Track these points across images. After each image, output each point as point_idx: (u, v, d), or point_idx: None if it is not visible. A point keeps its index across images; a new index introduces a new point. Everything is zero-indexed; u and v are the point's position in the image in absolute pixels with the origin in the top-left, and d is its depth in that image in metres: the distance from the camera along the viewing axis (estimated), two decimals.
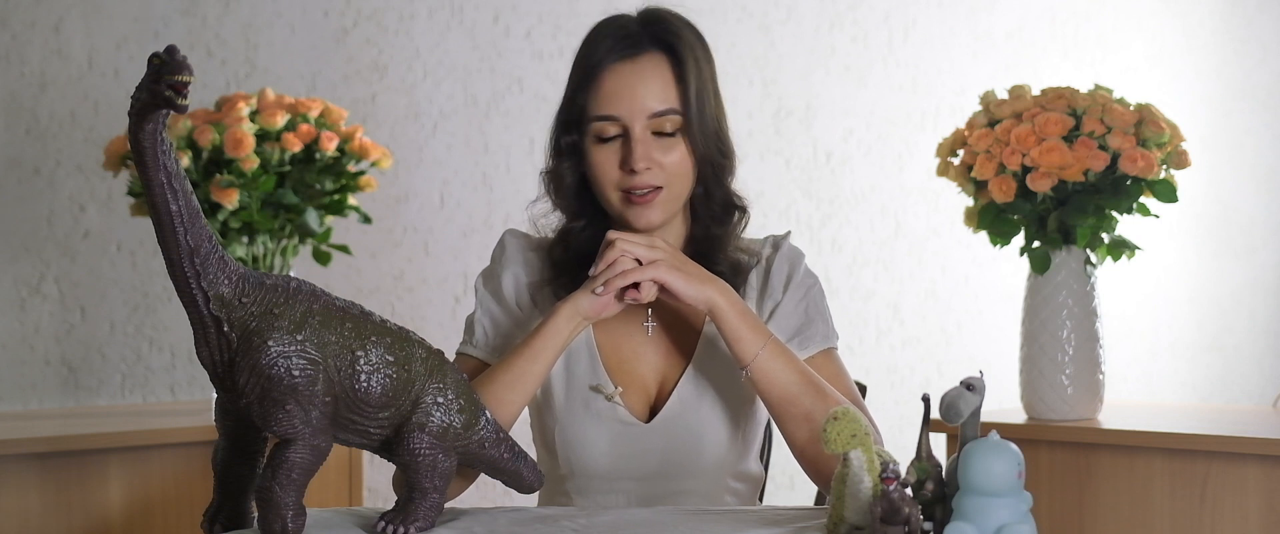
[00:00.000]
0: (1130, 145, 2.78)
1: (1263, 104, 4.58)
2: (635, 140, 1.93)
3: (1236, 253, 4.56)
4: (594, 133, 1.95)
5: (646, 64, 1.94)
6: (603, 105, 1.94)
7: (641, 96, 1.93)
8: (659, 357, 2.02)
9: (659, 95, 1.94)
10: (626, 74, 1.94)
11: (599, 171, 1.95)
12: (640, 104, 1.93)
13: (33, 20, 3.12)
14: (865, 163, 4.02)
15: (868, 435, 1.55)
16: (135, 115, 1.49)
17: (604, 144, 1.95)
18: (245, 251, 2.91)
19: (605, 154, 1.95)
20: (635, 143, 1.92)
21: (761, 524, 1.67)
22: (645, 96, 1.93)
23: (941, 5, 4.11)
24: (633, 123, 1.93)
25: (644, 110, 1.93)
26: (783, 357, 1.90)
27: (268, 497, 1.57)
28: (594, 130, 1.95)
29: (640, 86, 1.93)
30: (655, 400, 2.02)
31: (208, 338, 1.57)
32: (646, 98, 1.93)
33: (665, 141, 1.94)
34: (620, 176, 1.94)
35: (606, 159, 1.94)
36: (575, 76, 1.98)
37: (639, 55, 1.95)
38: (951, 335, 4.13)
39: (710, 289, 1.89)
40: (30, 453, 2.66)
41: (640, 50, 1.95)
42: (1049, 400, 2.89)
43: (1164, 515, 2.75)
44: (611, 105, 1.93)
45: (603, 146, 1.95)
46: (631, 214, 1.95)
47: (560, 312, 1.89)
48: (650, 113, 1.93)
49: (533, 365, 1.89)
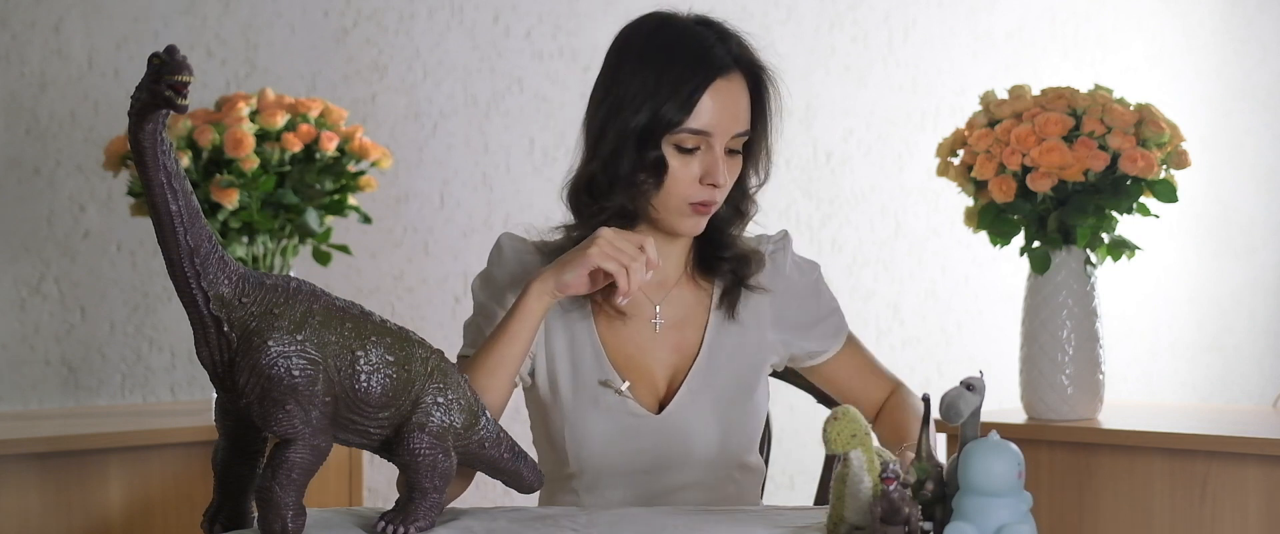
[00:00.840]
0: (1130, 145, 2.78)
1: (1263, 104, 4.57)
2: (717, 157, 1.97)
3: (1236, 253, 4.56)
4: (679, 144, 1.97)
5: (738, 84, 1.99)
6: (699, 120, 1.96)
7: (732, 116, 1.98)
8: (666, 352, 2.04)
9: (740, 117, 1.99)
10: (723, 93, 1.97)
11: (678, 181, 1.97)
12: (730, 122, 1.98)
13: (33, 20, 3.12)
14: (865, 163, 4.02)
15: (868, 436, 1.56)
16: (135, 115, 1.49)
17: (685, 155, 1.97)
18: (245, 251, 2.91)
19: (686, 165, 1.97)
20: (717, 159, 1.97)
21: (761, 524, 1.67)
22: (735, 116, 1.98)
23: (941, 5, 4.11)
24: (718, 140, 1.97)
25: (731, 129, 1.98)
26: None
27: (268, 497, 1.57)
28: (684, 143, 1.97)
29: (733, 106, 1.98)
30: (663, 395, 2.04)
31: (208, 338, 1.57)
32: (736, 118, 1.98)
33: (732, 159, 2.00)
34: (697, 189, 1.97)
35: (686, 170, 1.97)
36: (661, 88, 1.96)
37: (731, 75, 1.99)
38: (951, 335, 4.13)
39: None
40: (30, 453, 2.66)
41: (732, 70, 1.99)
42: (1049, 400, 2.89)
43: (1164, 515, 2.75)
44: (707, 122, 1.96)
45: (684, 157, 1.97)
46: (688, 223, 2.00)
47: (531, 290, 1.91)
48: (733, 133, 1.98)
49: (511, 348, 1.91)
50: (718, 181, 1.96)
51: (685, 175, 1.97)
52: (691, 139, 1.96)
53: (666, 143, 1.96)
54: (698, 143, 1.96)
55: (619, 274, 1.88)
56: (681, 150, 1.97)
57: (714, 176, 1.96)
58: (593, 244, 1.88)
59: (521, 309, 1.91)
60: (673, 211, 1.98)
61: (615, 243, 1.88)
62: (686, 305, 2.06)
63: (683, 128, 1.95)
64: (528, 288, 1.91)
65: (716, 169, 1.96)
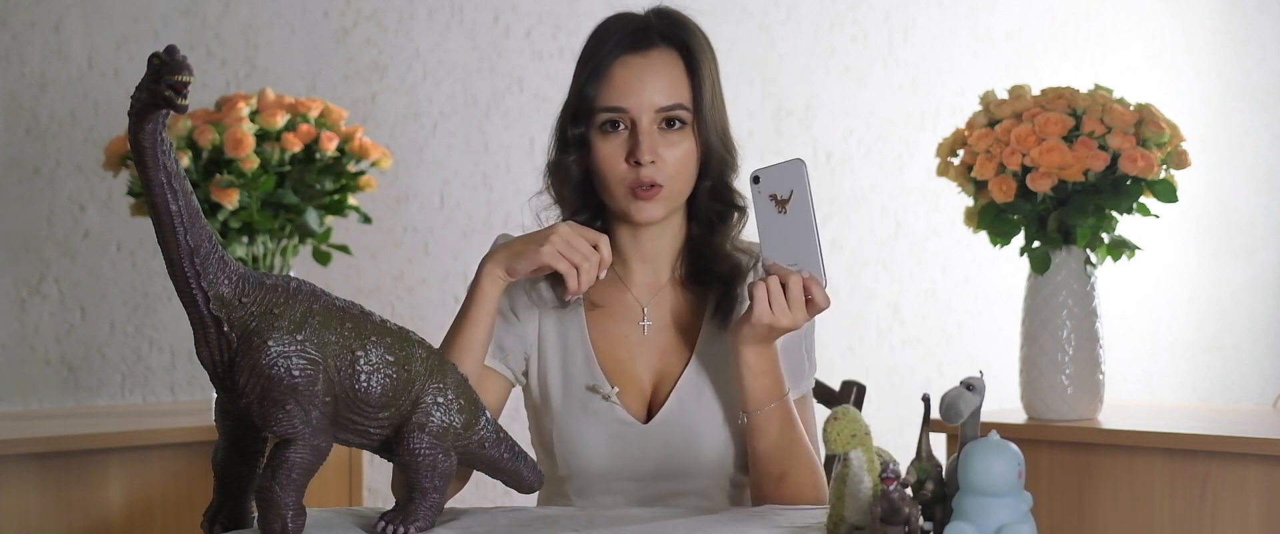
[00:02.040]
0: (1130, 145, 2.78)
1: (1263, 104, 4.58)
2: (642, 133, 1.93)
3: (1236, 253, 4.56)
4: (600, 124, 1.95)
5: (657, 59, 1.95)
6: (611, 97, 1.94)
7: (651, 90, 1.94)
8: (655, 357, 2.01)
9: (667, 90, 1.94)
10: (637, 67, 1.94)
11: (603, 163, 1.95)
12: (649, 97, 1.94)
13: (33, 20, 3.12)
14: (865, 163, 4.02)
15: (868, 436, 1.56)
16: (135, 115, 1.49)
17: (609, 136, 1.95)
18: (245, 251, 2.91)
19: (611, 146, 1.95)
20: (642, 135, 1.93)
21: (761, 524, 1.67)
22: (654, 90, 1.94)
23: (941, 5, 4.11)
24: (640, 116, 1.93)
25: (652, 104, 1.94)
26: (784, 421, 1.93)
27: (268, 497, 1.57)
28: (600, 121, 1.95)
29: (650, 80, 1.94)
30: (652, 401, 2.02)
31: (208, 338, 1.57)
32: (655, 92, 1.94)
33: (670, 137, 1.95)
34: (625, 170, 1.94)
35: (612, 151, 1.94)
36: (583, 68, 1.98)
37: (650, 49, 1.95)
38: (951, 335, 4.13)
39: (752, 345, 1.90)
40: (30, 453, 2.66)
41: (651, 45, 1.96)
42: (1049, 400, 2.89)
43: (1164, 515, 2.75)
44: (620, 97, 1.94)
45: (608, 139, 1.95)
46: (634, 208, 1.95)
47: (483, 273, 1.90)
48: (658, 107, 1.94)
49: (473, 333, 1.90)
50: (640, 158, 1.92)
51: (609, 154, 1.94)
52: (606, 116, 1.94)
53: (591, 125, 1.95)
54: (617, 119, 1.94)
55: (569, 274, 1.86)
56: (603, 130, 1.95)
57: (637, 153, 1.92)
58: (547, 239, 1.86)
59: (476, 293, 1.90)
60: (618, 198, 1.96)
61: (571, 241, 1.86)
62: (675, 309, 2.03)
63: (599, 106, 1.94)
64: (480, 270, 1.90)
65: (639, 146, 1.92)
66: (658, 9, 2.00)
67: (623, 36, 1.96)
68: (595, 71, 1.95)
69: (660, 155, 1.94)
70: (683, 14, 2.00)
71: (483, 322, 1.90)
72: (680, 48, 1.96)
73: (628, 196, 1.95)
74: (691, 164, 1.97)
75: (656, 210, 1.95)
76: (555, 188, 2.02)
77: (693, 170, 1.97)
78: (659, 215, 1.96)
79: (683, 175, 1.96)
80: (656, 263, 2.03)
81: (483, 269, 1.90)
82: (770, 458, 1.93)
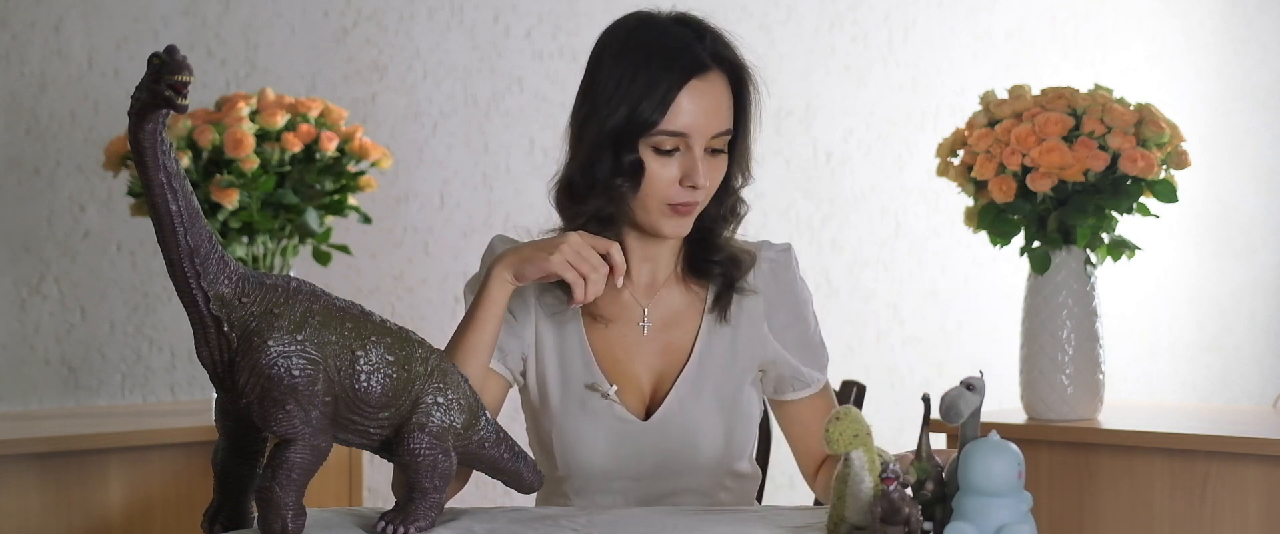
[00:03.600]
0: (1130, 145, 2.78)
1: (1263, 104, 4.58)
2: (697, 158, 1.93)
3: (1236, 253, 4.56)
4: (657, 145, 1.94)
5: (717, 84, 1.95)
6: (676, 122, 1.93)
7: (711, 116, 1.94)
8: (654, 356, 2.02)
9: (723, 117, 1.95)
10: (701, 93, 1.94)
11: (657, 184, 1.94)
12: (707, 123, 1.94)
13: (33, 20, 3.12)
14: (865, 163, 4.02)
15: (870, 435, 1.56)
16: (135, 115, 1.49)
17: (665, 158, 1.94)
18: (245, 251, 2.91)
19: (667, 169, 1.94)
20: (697, 160, 1.93)
21: (761, 524, 1.67)
22: (714, 116, 1.94)
23: (941, 5, 4.11)
24: (697, 141, 1.94)
25: (710, 129, 1.94)
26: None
27: (268, 497, 1.57)
28: (661, 144, 1.94)
29: (711, 105, 1.94)
30: (651, 400, 2.02)
31: (208, 338, 1.57)
32: (714, 118, 1.94)
33: (714, 159, 1.96)
34: (677, 190, 1.94)
35: (665, 172, 1.94)
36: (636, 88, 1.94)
37: (708, 73, 1.95)
38: (951, 335, 4.13)
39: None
40: (30, 453, 2.66)
41: (709, 69, 1.95)
42: (1049, 400, 2.89)
43: (1164, 515, 2.75)
44: (685, 122, 1.93)
45: (664, 161, 1.94)
46: (670, 224, 1.96)
47: (492, 276, 1.90)
48: (713, 132, 1.95)
49: (480, 336, 1.90)
50: (698, 183, 1.93)
51: (663, 177, 1.94)
52: (669, 141, 1.93)
53: (644, 145, 1.93)
54: (676, 144, 1.93)
55: (577, 285, 1.86)
56: (659, 152, 1.94)
57: (694, 178, 1.93)
58: (557, 249, 1.86)
59: (484, 297, 1.90)
60: (653, 213, 1.96)
61: (581, 252, 1.86)
62: (675, 308, 2.03)
63: (659, 129, 1.92)
64: (490, 273, 1.90)
65: (696, 170, 1.93)
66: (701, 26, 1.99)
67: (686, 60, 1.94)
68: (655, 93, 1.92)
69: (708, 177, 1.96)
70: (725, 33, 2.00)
71: (490, 324, 1.90)
72: (731, 74, 1.98)
73: (664, 213, 1.96)
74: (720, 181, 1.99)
75: (688, 226, 1.98)
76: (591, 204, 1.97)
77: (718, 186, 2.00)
78: (688, 230, 1.98)
79: (712, 193, 1.99)
80: (657, 263, 2.03)
81: (491, 273, 1.90)
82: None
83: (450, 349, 1.90)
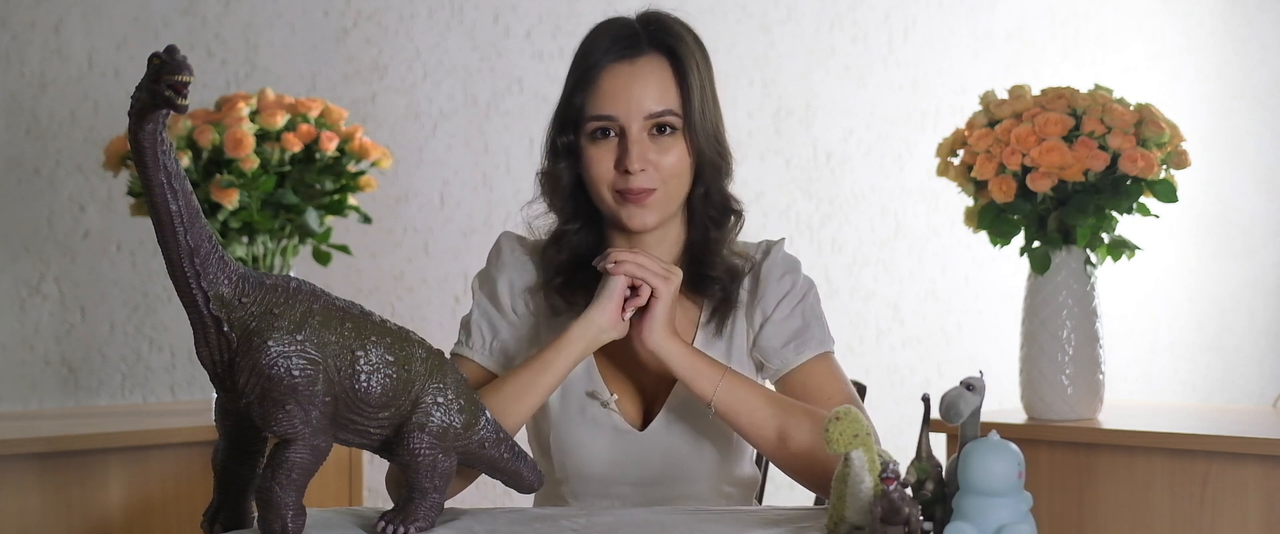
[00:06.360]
0: (1130, 145, 2.78)
1: (1263, 104, 4.58)
2: (631, 141, 1.93)
3: (1236, 253, 4.56)
4: (590, 132, 1.95)
5: (645, 65, 1.95)
6: (600, 104, 1.94)
7: (639, 97, 1.93)
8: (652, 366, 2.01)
9: (657, 96, 1.94)
10: (624, 74, 1.94)
11: (594, 171, 1.95)
12: (637, 104, 1.93)
13: (33, 20, 3.12)
14: (865, 163, 4.02)
15: (870, 435, 1.56)
16: (135, 115, 1.49)
17: (599, 143, 1.95)
18: (245, 252, 2.91)
19: (601, 153, 1.95)
20: (631, 143, 1.93)
21: (761, 524, 1.67)
22: (643, 97, 1.94)
23: (941, 5, 4.11)
24: (629, 123, 1.93)
25: (641, 111, 1.93)
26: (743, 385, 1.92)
27: (268, 497, 1.57)
28: (590, 129, 1.95)
29: (638, 87, 1.94)
30: (649, 408, 2.02)
31: (208, 338, 1.58)
32: (644, 98, 1.94)
33: (662, 143, 1.94)
34: (615, 177, 1.94)
35: (602, 158, 1.94)
36: (573, 76, 1.98)
37: (638, 56, 1.95)
38: (951, 335, 4.13)
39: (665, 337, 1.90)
40: (30, 453, 2.66)
41: (639, 51, 1.95)
42: (1049, 400, 2.89)
43: (1164, 515, 2.75)
44: (608, 105, 1.94)
45: (598, 146, 1.95)
46: (626, 214, 1.95)
47: (575, 328, 1.89)
48: (647, 113, 1.94)
49: (542, 377, 1.89)
50: (630, 167, 1.92)
51: (600, 162, 1.94)
52: (596, 124, 1.94)
53: (582, 134, 1.95)
54: (606, 127, 1.94)
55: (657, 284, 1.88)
56: (594, 138, 1.95)
57: (626, 162, 1.92)
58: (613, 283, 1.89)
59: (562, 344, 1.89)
60: (608, 204, 1.96)
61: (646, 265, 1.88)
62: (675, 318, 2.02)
63: (588, 115, 1.94)
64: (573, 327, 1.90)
65: (629, 154, 1.92)
66: (647, 14, 2.00)
67: (611, 43, 1.96)
68: (583, 79, 1.95)
69: (651, 162, 1.94)
70: (672, 18, 1.99)
71: (555, 369, 1.89)
72: (668, 54, 1.96)
73: (619, 203, 1.95)
74: (685, 169, 1.96)
75: (650, 216, 1.95)
76: (547, 195, 2.02)
77: (687, 175, 1.97)
78: (652, 221, 1.96)
79: (676, 180, 1.96)
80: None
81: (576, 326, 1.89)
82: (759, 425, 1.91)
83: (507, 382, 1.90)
